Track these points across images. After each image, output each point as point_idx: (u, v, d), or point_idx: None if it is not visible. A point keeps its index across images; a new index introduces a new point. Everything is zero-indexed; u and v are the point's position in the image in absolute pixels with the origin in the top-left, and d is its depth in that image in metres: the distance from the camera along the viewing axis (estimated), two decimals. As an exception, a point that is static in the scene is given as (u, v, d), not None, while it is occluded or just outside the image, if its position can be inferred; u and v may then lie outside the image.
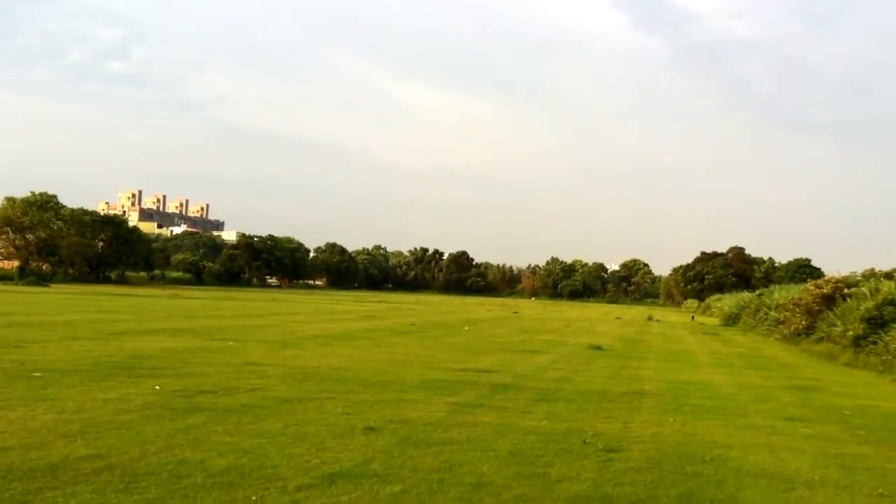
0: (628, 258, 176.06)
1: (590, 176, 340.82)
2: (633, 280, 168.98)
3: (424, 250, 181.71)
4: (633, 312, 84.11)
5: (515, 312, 61.70)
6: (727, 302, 70.90)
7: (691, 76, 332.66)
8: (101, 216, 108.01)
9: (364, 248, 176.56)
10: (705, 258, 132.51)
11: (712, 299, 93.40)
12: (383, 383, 13.88)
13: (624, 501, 6.90)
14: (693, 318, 70.27)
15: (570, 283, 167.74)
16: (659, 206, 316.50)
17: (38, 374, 12.67)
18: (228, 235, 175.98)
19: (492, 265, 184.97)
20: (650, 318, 61.83)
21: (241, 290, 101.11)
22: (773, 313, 43.08)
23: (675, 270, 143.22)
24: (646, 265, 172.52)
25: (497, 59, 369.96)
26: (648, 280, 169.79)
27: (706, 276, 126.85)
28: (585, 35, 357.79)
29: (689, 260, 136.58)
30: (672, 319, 66.00)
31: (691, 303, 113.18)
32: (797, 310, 35.40)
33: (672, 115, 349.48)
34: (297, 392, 12.23)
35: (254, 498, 6.36)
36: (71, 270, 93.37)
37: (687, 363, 22.62)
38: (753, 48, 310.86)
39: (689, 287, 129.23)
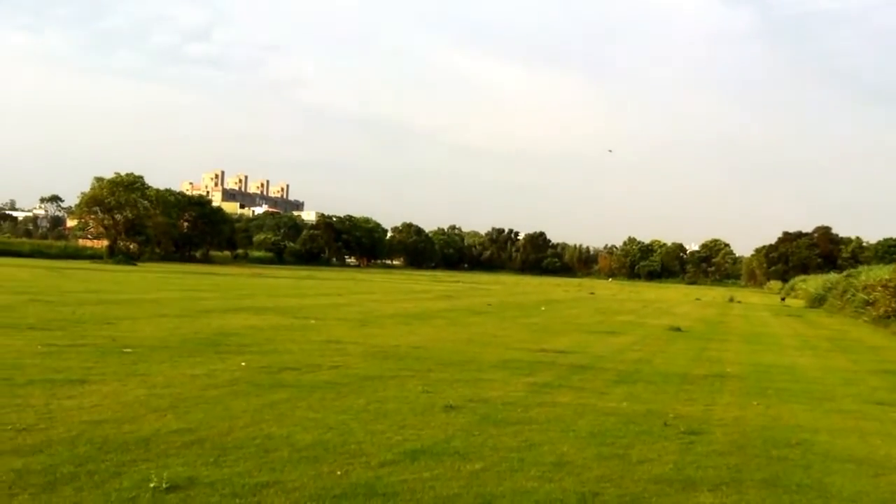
0: (709, 238, 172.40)
1: (668, 154, 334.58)
2: (713, 261, 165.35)
3: (500, 230, 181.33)
4: (714, 294, 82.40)
5: (592, 293, 61.16)
6: (812, 283, 68.69)
7: (778, 50, 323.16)
8: (186, 196, 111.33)
9: (440, 228, 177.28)
10: (789, 238, 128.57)
11: (797, 280, 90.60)
12: (462, 362, 13.98)
13: (707, 484, 6.81)
14: (783, 299, 68.30)
15: (648, 263, 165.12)
16: (741, 185, 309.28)
17: (129, 350, 13.16)
18: (308, 215, 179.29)
19: (568, 245, 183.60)
20: (731, 300, 60.46)
21: (321, 269, 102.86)
22: (861, 295, 41.58)
23: (758, 251, 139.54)
24: (727, 245, 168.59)
25: (575, 37, 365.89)
26: (730, 261, 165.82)
27: (790, 257, 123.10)
28: (666, 8, 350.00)
29: (773, 240, 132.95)
30: (754, 301, 64.41)
31: (774, 284, 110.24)
32: (887, 291, 34.10)
33: (756, 91, 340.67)
34: (377, 370, 12.42)
35: (339, 473, 6.51)
36: (157, 249, 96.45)
37: (770, 346, 22.08)
38: (843, 20, 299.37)
39: (773, 268, 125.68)
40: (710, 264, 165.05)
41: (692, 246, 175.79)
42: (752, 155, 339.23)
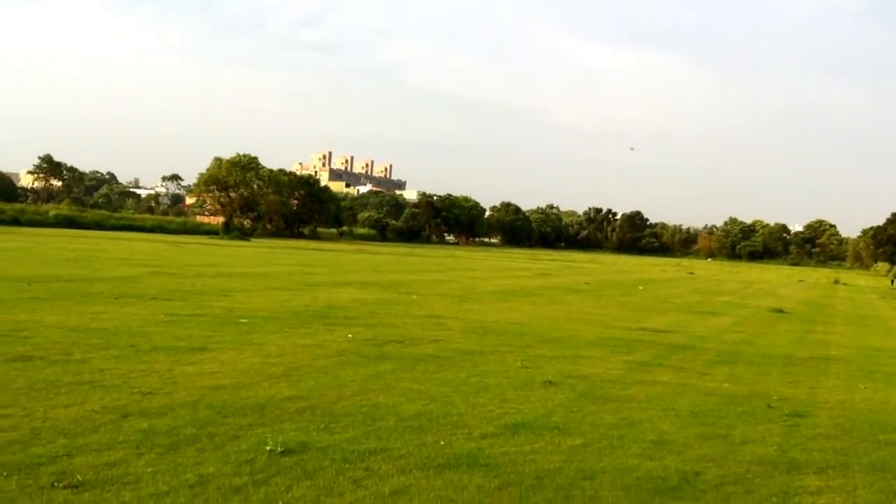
0: (813, 219, 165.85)
1: (773, 132, 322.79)
2: (818, 242, 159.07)
3: (598, 210, 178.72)
4: (818, 275, 79.45)
5: (691, 273, 59.92)
6: (925, 266, 65.39)
7: (890, 26, 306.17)
8: (296, 176, 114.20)
9: (538, 207, 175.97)
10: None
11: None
12: (560, 339, 14.08)
13: (812, 467, 6.73)
14: (893, 282, 65.36)
15: (750, 244, 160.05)
16: (848, 164, 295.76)
17: (244, 320, 13.79)
18: (410, 194, 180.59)
19: (667, 225, 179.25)
20: (837, 282, 58.22)
21: (422, 246, 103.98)
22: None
23: (865, 232, 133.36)
24: (832, 226, 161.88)
25: (679, 15, 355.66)
26: (835, 242, 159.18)
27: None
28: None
29: (881, 221, 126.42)
30: (861, 283, 61.88)
31: (882, 266, 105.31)
32: None
33: (865, 69, 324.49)
34: (477, 345, 12.66)
35: (442, 443, 6.72)
36: (269, 226, 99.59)
37: (878, 329, 21.33)
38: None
39: (881, 250, 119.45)
40: (814, 245, 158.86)
41: (796, 226, 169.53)
42: (861, 133, 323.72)
